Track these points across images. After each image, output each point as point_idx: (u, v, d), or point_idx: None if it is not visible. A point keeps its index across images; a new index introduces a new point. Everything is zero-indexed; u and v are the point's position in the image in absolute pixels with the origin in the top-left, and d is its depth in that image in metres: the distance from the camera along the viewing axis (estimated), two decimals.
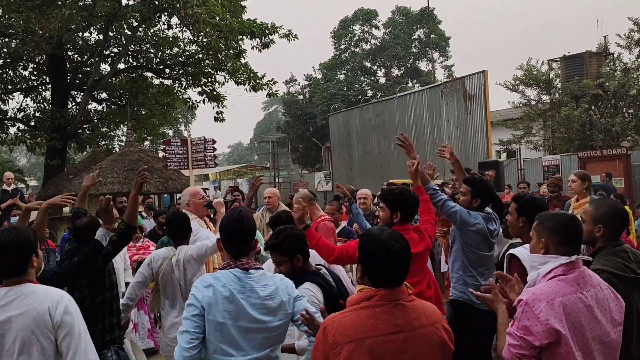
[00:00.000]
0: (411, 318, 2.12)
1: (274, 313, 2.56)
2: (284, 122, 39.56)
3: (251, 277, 2.56)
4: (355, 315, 2.10)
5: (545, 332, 2.14)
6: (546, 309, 2.16)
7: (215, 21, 14.36)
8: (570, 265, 2.30)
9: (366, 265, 2.20)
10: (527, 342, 2.16)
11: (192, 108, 19.85)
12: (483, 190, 4.24)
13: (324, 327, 2.13)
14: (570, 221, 2.40)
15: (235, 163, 61.60)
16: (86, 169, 15.09)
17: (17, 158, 43.30)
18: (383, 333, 2.05)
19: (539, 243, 2.39)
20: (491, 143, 16.06)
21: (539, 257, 2.38)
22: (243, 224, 2.63)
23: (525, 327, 2.18)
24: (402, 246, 2.19)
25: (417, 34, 38.24)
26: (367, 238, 2.26)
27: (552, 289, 2.23)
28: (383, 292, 2.13)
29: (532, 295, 2.22)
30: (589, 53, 19.22)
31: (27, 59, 17.36)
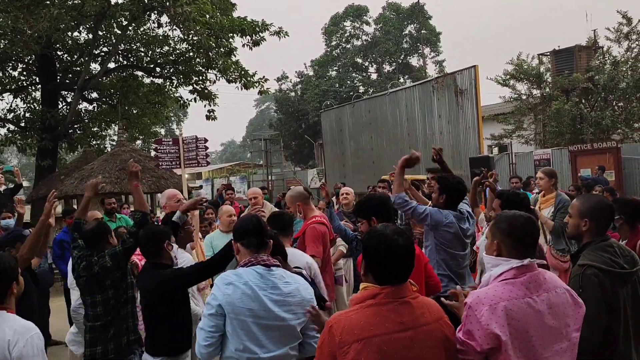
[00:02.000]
0: (417, 315, 2.11)
1: (295, 311, 2.60)
2: (276, 119, 39.53)
3: (273, 274, 2.62)
4: (361, 314, 2.08)
5: (485, 336, 2.08)
6: (488, 313, 2.10)
7: (205, 19, 14.30)
8: (522, 269, 2.21)
9: (370, 262, 2.18)
10: (469, 346, 2.11)
11: (184, 107, 19.78)
12: (449, 187, 4.26)
13: (330, 326, 2.10)
14: (525, 223, 2.29)
15: (228, 161, 61.49)
16: (77, 169, 15.03)
17: (7, 159, 43.02)
18: (390, 331, 2.04)
19: (492, 245, 2.32)
20: (482, 138, 16.12)
21: (492, 259, 2.31)
22: (254, 219, 2.79)
23: (469, 332, 2.13)
24: (406, 242, 2.17)
25: (408, 30, 38.28)
26: (371, 235, 2.24)
27: (497, 292, 2.16)
28: (388, 289, 2.11)
29: (476, 299, 2.16)
30: (578, 47, 19.31)
31: (16, 59, 17.23)
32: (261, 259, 2.64)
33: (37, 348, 2.50)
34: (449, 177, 4.46)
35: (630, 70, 17.55)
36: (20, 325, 2.53)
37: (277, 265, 2.68)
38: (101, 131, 20.47)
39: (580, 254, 2.86)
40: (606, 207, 2.97)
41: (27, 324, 2.57)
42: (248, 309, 2.52)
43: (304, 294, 2.66)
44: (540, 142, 20.49)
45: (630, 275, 2.78)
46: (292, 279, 2.68)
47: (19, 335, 2.46)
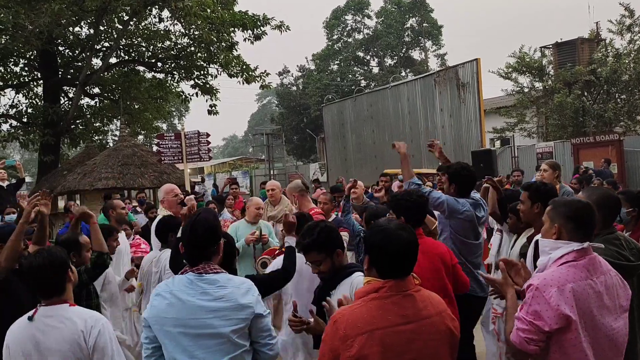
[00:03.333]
0: (419, 308, 2.12)
1: (228, 317, 2.38)
2: (278, 113, 39.49)
3: (204, 280, 2.42)
4: (365, 308, 2.09)
5: (555, 317, 2.16)
6: (557, 294, 2.18)
7: (206, 13, 14.31)
8: (581, 252, 2.30)
9: (374, 256, 2.19)
10: (536, 326, 2.18)
11: (185, 101, 19.79)
12: (456, 175, 4.26)
13: (334, 320, 2.12)
14: (585, 208, 2.38)
15: (230, 155, 61.47)
16: (80, 164, 15.06)
17: (10, 154, 43.07)
18: (393, 324, 2.06)
19: (552, 228, 2.39)
20: (485, 131, 16.09)
21: (550, 242, 2.38)
22: (196, 231, 2.47)
23: (536, 312, 2.19)
24: (409, 236, 2.19)
25: (409, 23, 38.17)
26: (375, 229, 2.26)
27: (563, 274, 2.24)
28: (391, 283, 2.12)
29: (543, 281, 2.23)
30: (581, 39, 19.25)
31: (17, 55, 17.24)
32: (195, 268, 2.45)
33: (111, 335, 2.60)
34: (454, 165, 4.43)
35: (632, 63, 17.50)
36: (89, 315, 2.62)
37: (216, 272, 2.46)
38: (103, 126, 20.52)
39: None
40: (612, 200, 2.98)
41: (96, 314, 2.68)
42: (174, 319, 2.37)
43: (239, 299, 2.41)
44: (542, 135, 20.45)
45: (636, 268, 2.81)
46: (230, 283, 2.44)
47: (91, 325, 2.55)
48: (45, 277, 2.58)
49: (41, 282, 2.60)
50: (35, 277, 2.60)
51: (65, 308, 2.59)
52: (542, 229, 2.49)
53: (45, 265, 2.57)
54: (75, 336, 2.51)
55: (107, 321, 2.66)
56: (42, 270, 2.57)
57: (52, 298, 2.59)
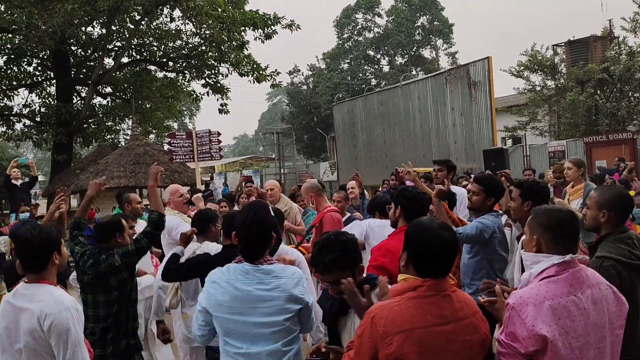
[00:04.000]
0: (456, 309, 2.10)
1: (282, 306, 2.52)
2: (288, 112, 39.56)
3: (260, 270, 2.56)
4: (404, 306, 2.06)
5: (531, 338, 2.01)
6: (533, 313, 2.02)
7: (217, 13, 14.33)
8: (563, 265, 2.12)
9: (414, 253, 2.16)
10: (514, 349, 2.03)
11: (196, 100, 19.87)
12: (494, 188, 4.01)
13: (372, 316, 2.08)
14: (565, 217, 2.19)
15: (241, 154, 61.67)
16: (92, 163, 15.18)
17: (23, 153, 43.50)
18: (432, 324, 2.04)
19: (532, 240, 2.22)
20: (496, 130, 16.01)
21: (531, 255, 2.22)
22: (252, 229, 2.61)
23: (512, 333, 2.05)
24: (451, 236, 2.18)
25: (420, 22, 38.06)
26: (417, 227, 2.22)
27: (540, 291, 2.08)
28: (430, 282, 2.09)
29: (519, 299, 2.08)
30: (594, 37, 19.08)
31: (31, 55, 17.41)
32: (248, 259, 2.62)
33: (68, 322, 2.51)
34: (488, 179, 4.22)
35: None
36: (54, 298, 2.55)
37: (270, 263, 2.62)
38: (115, 125, 20.65)
39: (599, 245, 2.85)
40: (625, 199, 2.94)
41: (62, 298, 2.58)
42: (229, 307, 2.50)
43: (292, 290, 2.55)
44: (554, 134, 20.30)
45: None
46: (283, 274, 2.59)
47: (51, 308, 2.50)
48: (27, 250, 2.61)
49: (23, 253, 2.64)
50: (20, 248, 2.65)
51: (39, 287, 2.58)
52: (524, 241, 2.34)
53: (30, 238, 2.59)
54: (38, 316, 2.50)
55: (72, 307, 2.55)
56: (26, 242, 2.60)
57: (30, 273, 2.62)
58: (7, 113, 17.75)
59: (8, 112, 17.81)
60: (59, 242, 2.69)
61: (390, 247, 3.27)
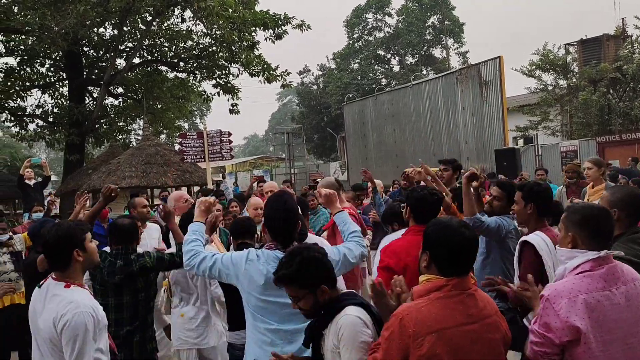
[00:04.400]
0: (481, 308, 2.12)
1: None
2: (299, 112, 39.60)
3: None
4: (431, 306, 2.06)
5: (564, 329, 2.08)
6: (567, 305, 2.09)
7: (228, 13, 14.38)
8: (599, 261, 2.18)
9: (437, 253, 2.16)
10: (547, 339, 2.11)
11: (207, 101, 19.95)
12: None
13: (400, 318, 2.07)
14: (600, 214, 2.26)
15: (251, 154, 61.80)
16: (104, 163, 15.30)
17: (36, 154, 43.91)
18: (460, 323, 2.05)
19: (567, 237, 2.28)
20: (507, 130, 15.93)
21: (566, 251, 2.27)
22: (283, 217, 2.81)
23: (546, 324, 2.12)
24: (472, 234, 2.19)
25: (430, 21, 37.93)
26: (438, 226, 2.22)
27: (575, 285, 2.14)
28: (454, 281, 2.11)
29: (554, 292, 2.15)
30: (606, 36, 18.91)
31: (43, 56, 17.58)
32: (279, 247, 2.79)
33: (83, 326, 2.44)
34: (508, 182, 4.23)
35: None
36: (72, 300, 2.50)
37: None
38: (127, 126, 20.79)
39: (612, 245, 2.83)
40: (636, 198, 2.91)
41: (80, 299, 2.52)
42: (262, 289, 2.69)
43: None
44: (567, 134, 20.15)
45: None
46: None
47: (66, 310, 2.46)
48: (48, 249, 2.63)
49: (47, 252, 2.67)
50: (44, 247, 2.67)
51: (60, 287, 2.57)
52: (559, 237, 2.40)
53: (52, 237, 2.60)
54: (54, 317, 2.49)
55: (86, 312, 2.47)
56: (46, 242, 2.62)
57: (55, 271, 2.63)
58: (20, 114, 17.94)
59: (21, 113, 18.00)
60: (80, 239, 2.62)
61: (396, 247, 3.25)
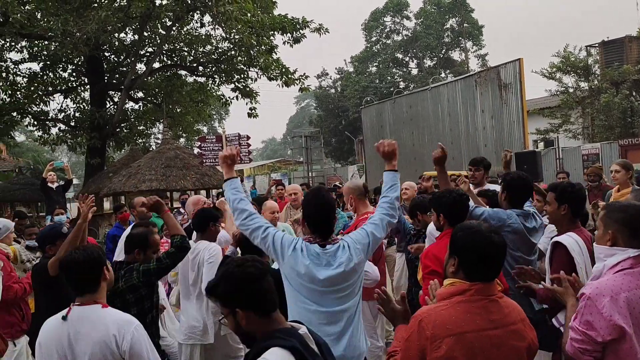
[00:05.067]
0: (504, 314, 2.10)
1: (347, 278, 2.87)
2: (316, 116, 39.65)
3: (327, 252, 2.87)
4: (452, 309, 2.07)
5: (608, 328, 2.08)
6: (610, 304, 2.09)
7: (246, 18, 14.46)
8: (638, 259, 2.19)
9: (466, 258, 2.15)
10: (589, 337, 2.11)
11: (226, 104, 20.08)
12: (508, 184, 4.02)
13: (419, 320, 2.08)
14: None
15: (269, 158, 62.00)
16: (125, 167, 15.46)
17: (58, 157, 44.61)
18: (481, 328, 2.04)
19: (606, 235, 2.29)
20: (528, 133, 15.76)
21: (605, 248, 2.28)
22: (323, 209, 2.95)
23: (588, 322, 2.12)
24: (501, 240, 2.17)
25: (449, 24, 37.76)
26: (468, 231, 2.21)
27: (616, 283, 2.14)
28: (478, 286, 2.10)
29: (596, 290, 2.14)
30: (629, 38, 18.66)
31: (66, 61, 17.85)
32: (318, 239, 2.91)
33: (144, 339, 2.61)
34: (510, 173, 4.24)
35: None
36: (121, 318, 2.63)
37: (334, 242, 2.93)
38: (146, 129, 21.00)
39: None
40: None
41: (128, 317, 2.68)
42: (303, 277, 2.83)
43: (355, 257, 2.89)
44: (588, 137, 19.88)
45: None
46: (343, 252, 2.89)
47: (124, 330, 2.56)
48: (80, 273, 2.65)
49: (76, 277, 2.67)
50: (72, 272, 2.67)
51: (98, 309, 2.61)
52: (597, 235, 2.40)
53: (82, 261, 2.63)
54: (107, 340, 2.51)
55: (139, 324, 2.65)
56: (78, 265, 2.64)
57: (85, 295, 2.64)
58: (43, 118, 18.23)
59: (44, 117, 18.29)
60: (104, 258, 2.76)
61: (436, 252, 3.32)
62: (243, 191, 3.12)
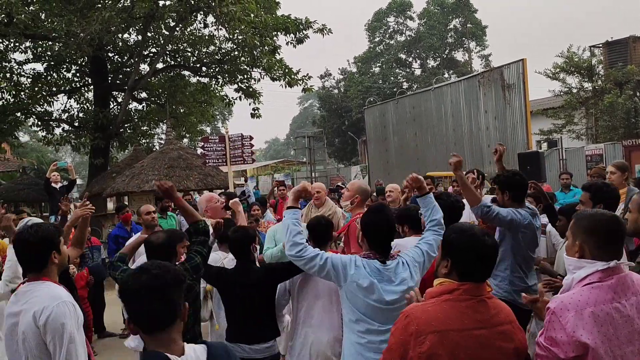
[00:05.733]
0: (492, 315, 2.10)
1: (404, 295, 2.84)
2: (320, 116, 39.65)
3: (388, 269, 2.96)
4: (439, 307, 2.08)
5: (571, 344, 1.97)
6: (574, 319, 1.98)
7: (250, 18, 14.46)
8: (608, 272, 2.07)
9: (461, 258, 2.14)
10: (553, 353, 2.00)
11: (229, 105, 20.10)
12: (508, 183, 4.12)
13: (406, 315, 2.12)
14: (610, 222, 2.13)
15: (272, 158, 62.00)
16: (128, 167, 15.48)
17: (62, 157, 44.72)
18: (467, 327, 2.04)
19: (574, 245, 2.17)
20: (531, 133, 15.74)
21: (574, 260, 2.16)
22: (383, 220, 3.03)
23: (552, 338, 2.02)
24: (493, 241, 2.20)
25: (452, 24, 37.73)
26: (460, 233, 2.22)
27: (583, 297, 2.03)
28: (467, 286, 2.10)
29: (560, 304, 2.04)
30: (633, 38, 18.62)
31: (70, 62, 17.90)
32: (379, 255, 3.00)
33: (67, 316, 2.48)
34: (504, 173, 4.30)
35: None
36: (50, 294, 2.54)
37: (392, 257, 3.01)
38: (150, 130, 21.04)
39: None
40: None
41: (57, 293, 2.57)
42: (367, 291, 2.90)
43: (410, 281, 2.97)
44: (592, 137, 19.83)
45: None
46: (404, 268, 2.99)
47: (46, 304, 2.48)
48: (27, 251, 2.65)
49: (23, 255, 2.68)
50: (20, 250, 2.68)
51: (38, 284, 2.59)
52: (566, 245, 2.28)
53: (29, 240, 2.63)
54: (35, 315, 2.47)
55: (67, 302, 2.53)
56: (25, 243, 2.64)
57: (29, 272, 2.65)
58: (47, 118, 18.28)
59: (48, 117, 18.34)
60: (57, 241, 2.71)
61: None
62: (301, 223, 3.20)
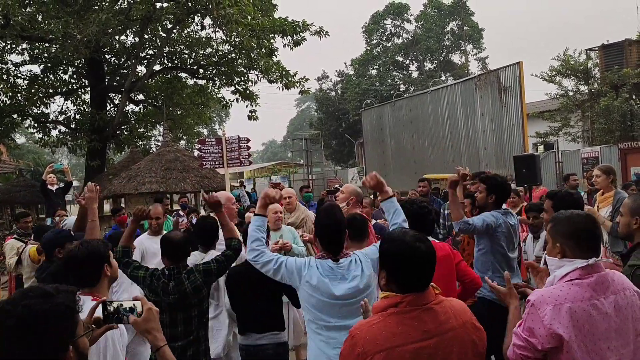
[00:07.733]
0: (441, 321, 2.04)
1: (361, 292, 2.95)
2: (317, 118, 39.66)
3: (341, 267, 2.99)
4: (383, 324, 2.01)
5: (547, 336, 2.05)
6: (551, 313, 2.07)
7: (247, 21, 14.50)
8: (587, 269, 2.16)
9: (392, 270, 2.09)
10: (530, 344, 2.09)
11: (226, 107, 20.13)
12: (498, 186, 4.36)
13: (352, 335, 2.04)
14: (585, 223, 2.23)
15: (269, 160, 62.02)
16: (125, 169, 15.48)
17: (58, 159, 44.62)
18: (413, 340, 1.98)
19: (555, 247, 2.26)
20: (527, 136, 15.77)
21: (555, 260, 2.24)
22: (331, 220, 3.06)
23: (530, 329, 2.10)
24: (427, 247, 2.09)
25: (449, 27, 37.80)
26: (391, 242, 2.15)
27: (562, 292, 2.11)
28: (410, 297, 2.03)
29: (540, 297, 2.12)
30: (628, 41, 18.66)
31: (66, 63, 17.91)
32: (330, 255, 3.02)
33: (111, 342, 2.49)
34: (496, 177, 4.52)
35: None
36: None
37: (346, 256, 3.03)
38: (147, 132, 21.04)
39: (632, 253, 2.79)
40: None
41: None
42: (321, 291, 2.92)
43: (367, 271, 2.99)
44: (588, 140, 19.88)
45: None
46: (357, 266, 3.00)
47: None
48: (80, 268, 2.66)
49: (76, 272, 2.68)
50: (72, 267, 2.69)
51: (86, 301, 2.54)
52: (547, 247, 2.37)
53: (82, 256, 2.65)
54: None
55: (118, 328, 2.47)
56: (78, 260, 2.65)
57: (84, 289, 2.64)
58: (43, 120, 18.28)
59: (44, 119, 18.34)
60: (107, 255, 2.74)
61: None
62: (265, 231, 3.22)
